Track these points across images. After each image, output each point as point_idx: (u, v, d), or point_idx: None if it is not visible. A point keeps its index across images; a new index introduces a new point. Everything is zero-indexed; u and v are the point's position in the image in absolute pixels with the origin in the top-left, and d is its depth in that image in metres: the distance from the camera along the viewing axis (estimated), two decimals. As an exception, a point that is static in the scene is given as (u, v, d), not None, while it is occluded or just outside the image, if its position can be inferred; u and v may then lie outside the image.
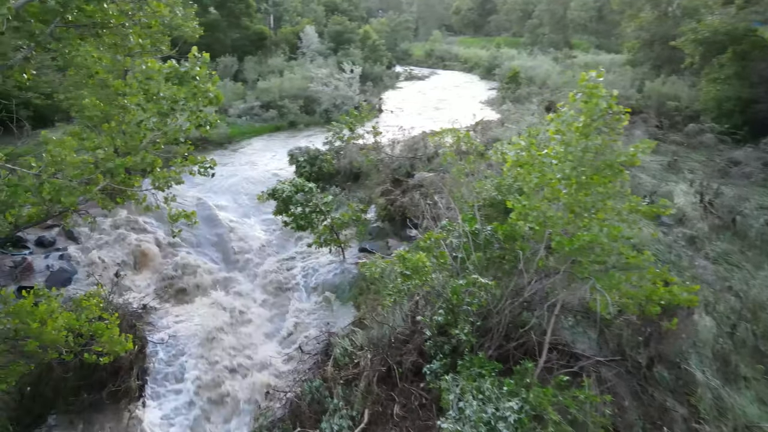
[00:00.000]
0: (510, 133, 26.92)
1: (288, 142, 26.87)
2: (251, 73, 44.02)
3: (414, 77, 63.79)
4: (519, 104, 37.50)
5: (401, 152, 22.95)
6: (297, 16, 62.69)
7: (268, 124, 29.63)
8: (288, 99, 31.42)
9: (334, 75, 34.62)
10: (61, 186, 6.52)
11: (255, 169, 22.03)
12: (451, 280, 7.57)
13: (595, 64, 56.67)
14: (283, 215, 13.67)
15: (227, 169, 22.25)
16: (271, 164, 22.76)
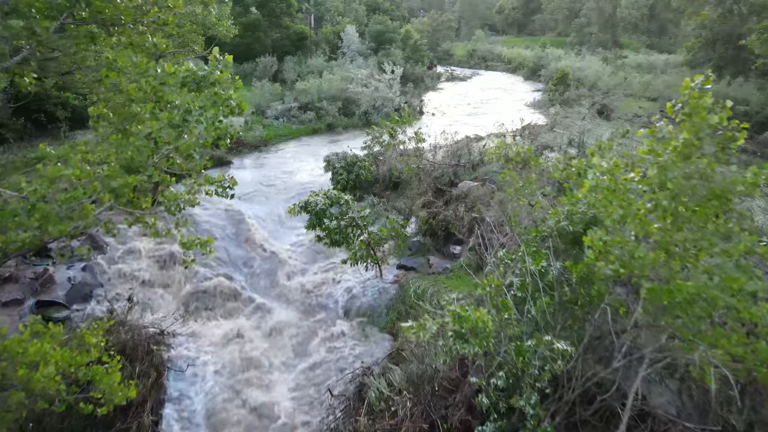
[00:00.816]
0: (560, 139, 25.21)
1: (325, 146, 25.88)
2: (290, 73, 43.46)
3: (456, 78, 62.18)
4: (568, 107, 35.51)
5: (443, 158, 21.60)
6: (338, 15, 61.99)
7: (306, 126, 28.74)
8: (326, 100, 30.48)
9: (374, 76, 33.51)
10: (48, 212, 5.50)
11: (289, 174, 21.07)
12: (511, 330, 6.20)
13: (649, 66, 53.83)
14: (316, 229, 12.56)
15: (261, 172, 21.38)
16: (305, 169, 21.76)
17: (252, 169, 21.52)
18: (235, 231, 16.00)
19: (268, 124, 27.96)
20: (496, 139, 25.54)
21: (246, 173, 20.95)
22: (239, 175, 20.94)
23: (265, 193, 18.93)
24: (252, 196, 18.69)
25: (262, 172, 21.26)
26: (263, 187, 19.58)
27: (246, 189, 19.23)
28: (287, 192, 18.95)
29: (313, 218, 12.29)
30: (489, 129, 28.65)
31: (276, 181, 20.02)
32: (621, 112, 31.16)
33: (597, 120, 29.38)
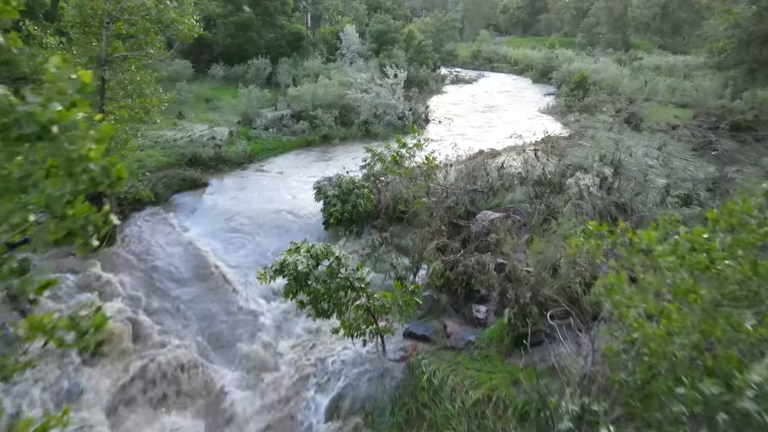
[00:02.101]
0: (591, 153, 21.96)
1: (317, 162, 22.60)
2: (285, 76, 40.30)
3: (461, 80, 58.85)
4: (588, 114, 32.24)
5: (456, 179, 18.40)
6: (337, 14, 58.78)
7: (298, 138, 25.46)
8: (321, 108, 27.21)
9: (375, 80, 30.26)
10: None
11: (273, 200, 17.74)
12: None
13: (669, 68, 50.48)
14: (298, 296, 9.31)
15: (240, 197, 18.10)
16: (293, 193, 18.45)
17: (229, 194, 18.19)
18: (194, 278, 12.75)
19: (255, 136, 24.69)
20: (516, 156, 22.33)
21: (221, 199, 17.67)
22: (212, 201, 17.71)
23: (240, 227, 15.62)
24: (223, 231, 15.39)
25: (241, 198, 17.90)
26: (239, 219, 16.27)
27: (217, 222, 15.96)
28: (268, 226, 15.66)
29: (292, 284, 9.05)
30: (504, 141, 25.41)
31: (255, 211, 16.69)
32: (651, 120, 27.86)
33: (626, 131, 26.11)
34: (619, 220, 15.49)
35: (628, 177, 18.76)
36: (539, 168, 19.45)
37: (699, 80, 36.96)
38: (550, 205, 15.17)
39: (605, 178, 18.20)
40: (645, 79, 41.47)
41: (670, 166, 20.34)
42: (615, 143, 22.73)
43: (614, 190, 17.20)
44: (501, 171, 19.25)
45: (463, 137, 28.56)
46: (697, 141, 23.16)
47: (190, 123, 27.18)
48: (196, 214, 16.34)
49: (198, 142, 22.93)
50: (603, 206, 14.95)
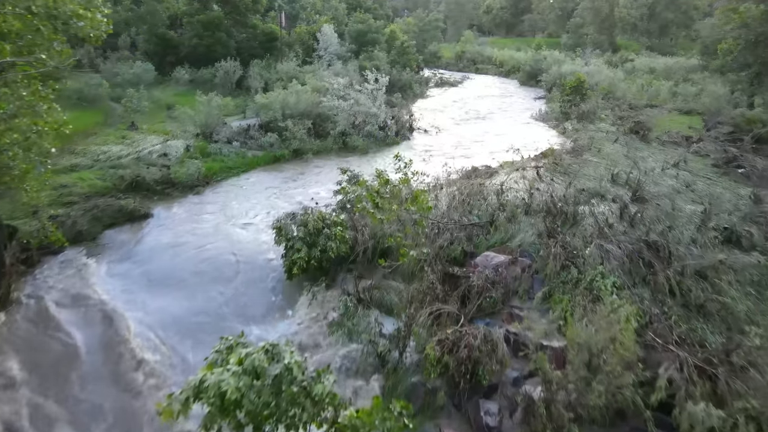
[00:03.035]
0: (601, 171, 19.11)
1: (286, 185, 19.33)
2: (256, 80, 36.95)
3: (445, 83, 56.03)
4: (587, 122, 29.53)
5: (449, 207, 15.41)
6: (315, 14, 55.54)
7: (265, 153, 22.15)
8: (293, 118, 23.97)
9: (354, 85, 27.16)
10: None
11: (226, 238, 14.41)
12: None
13: (666, 70, 48.11)
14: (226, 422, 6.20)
15: (185, 233, 14.76)
16: (250, 228, 15.16)
17: (174, 229, 14.70)
18: (103, 368, 9.44)
19: (215, 152, 21.35)
20: (514, 172, 19.42)
21: (164, 236, 14.18)
22: (152, 241, 14.41)
23: (183, 280, 12.28)
24: (159, 287, 11.96)
25: (187, 234, 14.42)
26: (182, 267, 12.93)
27: (153, 272, 12.57)
28: (218, 278, 12.38)
29: (214, 414, 5.92)
30: (500, 154, 22.48)
31: (203, 254, 13.35)
32: (659, 130, 25.17)
33: (634, 142, 23.36)
34: (655, 267, 12.67)
35: (651, 202, 15.97)
36: (545, 191, 16.55)
37: (704, 84, 34.47)
38: (567, 246, 12.21)
39: (625, 206, 15.37)
40: (642, 83, 38.98)
41: (693, 187, 17.58)
42: (631, 160, 19.95)
43: (638, 221, 14.38)
44: (501, 196, 16.28)
45: (453, 150, 25.62)
46: (718, 156, 20.45)
47: (143, 135, 23.78)
48: (128, 258, 12.99)
49: (146, 160, 19.59)
50: (632, 247, 12.07)
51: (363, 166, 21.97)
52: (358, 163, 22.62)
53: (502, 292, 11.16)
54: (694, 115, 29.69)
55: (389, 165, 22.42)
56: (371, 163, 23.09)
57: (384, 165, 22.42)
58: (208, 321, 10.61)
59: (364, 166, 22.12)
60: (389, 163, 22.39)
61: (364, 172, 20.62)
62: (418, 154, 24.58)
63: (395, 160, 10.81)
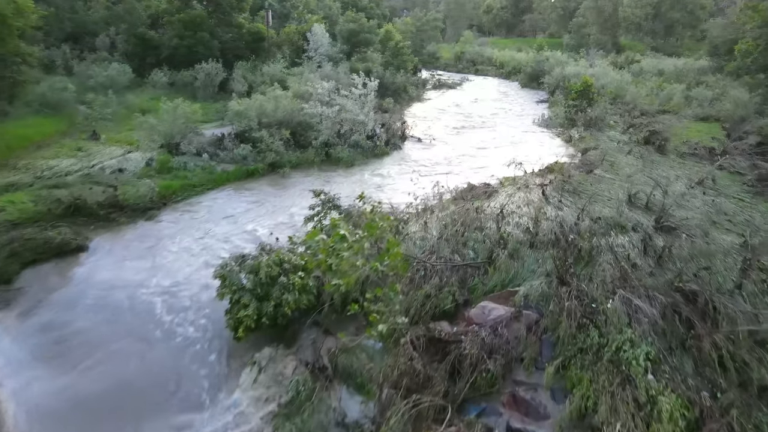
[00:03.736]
0: (614, 190, 16.68)
1: (254, 209, 16.78)
2: (240, 83, 34.57)
3: (443, 85, 53.65)
4: (595, 130, 27.11)
5: (440, 237, 13.01)
6: (307, 13, 53.10)
7: (236, 168, 19.67)
8: (270, 127, 21.51)
9: (340, 90, 24.72)
10: None
11: (176, 283, 11.93)
12: None
13: (675, 72, 45.67)
14: None
15: (129, 271, 12.29)
16: (200, 268, 12.67)
17: (106, 269, 12.02)
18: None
19: (179, 166, 18.87)
20: (517, 191, 17.01)
21: (91, 278, 11.65)
22: (80, 285, 11.93)
23: (94, 342, 9.64)
24: (62, 351, 9.28)
25: (120, 276, 11.98)
26: (102, 321, 10.40)
27: (64, 328, 9.97)
28: (144, 339, 9.89)
29: None
30: (501, 167, 20.07)
31: (137, 304, 10.89)
32: (677, 140, 22.72)
33: (650, 154, 20.91)
34: (696, 327, 10.19)
35: (679, 232, 13.57)
36: (553, 218, 14.13)
37: (720, 88, 32.01)
38: (584, 297, 9.78)
39: (649, 237, 12.97)
40: (652, 86, 36.52)
41: (725, 210, 15.17)
42: (649, 177, 17.49)
43: (667, 258, 12.00)
44: (501, 223, 13.85)
45: (448, 162, 23.18)
46: (749, 172, 18.01)
47: (103, 146, 21.35)
48: (36, 310, 10.47)
49: (98, 177, 17.16)
50: (665, 299, 9.67)
51: (345, 184, 19.59)
52: (340, 179, 20.21)
53: (502, 363, 8.72)
54: (712, 122, 27.23)
55: (373, 182, 20.17)
56: (356, 177, 20.66)
57: (368, 181, 20.20)
58: (110, 411, 8.12)
59: (347, 183, 19.72)
60: (371, 179, 20.12)
61: (345, 192, 18.21)
62: (410, 167, 22.17)
63: (359, 201, 8.34)
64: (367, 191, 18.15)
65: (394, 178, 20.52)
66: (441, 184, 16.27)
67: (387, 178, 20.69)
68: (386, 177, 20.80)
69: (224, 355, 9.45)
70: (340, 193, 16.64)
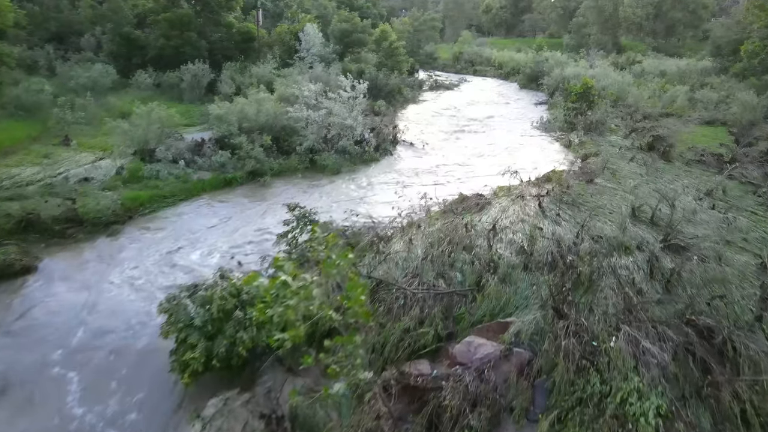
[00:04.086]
0: (616, 201, 15.48)
1: (219, 225, 15.39)
2: (228, 85, 33.35)
3: (440, 86, 52.40)
4: (596, 134, 25.88)
5: (424, 257, 11.79)
6: (301, 12, 51.86)
7: (213, 176, 18.46)
8: (252, 132, 20.28)
9: (328, 93, 23.49)
10: None
11: (126, 319, 10.68)
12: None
13: (678, 73, 44.40)
14: None
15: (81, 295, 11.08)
16: (144, 302, 11.33)
17: (54, 296, 10.81)
18: None
19: (152, 175, 17.62)
20: (511, 204, 15.77)
21: (35, 306, 10.33)
22: (11, 316, 10.64)
23: (28, 387, 8.49)
24: None
25: (70, 301, 10.76)
26: (37, 359, 9.08)
27: None
28: (81, 385, 8.62)
29: None
30: (495, 174, 18.88)
31: (72, 342, 9.63)
32: (683, 146, 21.47)
33: (654, 161, 19.66)
34: (713, 371, 8.93)
35: (689, 252, 12.34)
36: (549, 234, 12.92)
37: (725, 90, 30.75)
38: (583, 335, 8.56)
39: (656, 258, 11.77)
40: (655, 87, 35.26)
41: (737, 225, 13.94)
42: (654, 186, 16.27)
43: (675, 282, 10.79)
44: (493, 240, 12.62)
45: (440, 168, 21.93)
46: (761, 182, 16.76)
47: (74, 153, 20.13)
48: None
49: (61, 188, 15.93)
50: (676, 337, 8.45)
51: (329, 194, 18.35)
52: (324, 188, 18.95)
53: (488, 416, 7.49)
54: (718, 126, 26.00)
55: (358, 192, 18.89)
56: (342, 186, 19.41)
57: (353, 191, 18.91)
58: None
59: (331, 193, 18.48)
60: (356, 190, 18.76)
61: (326, 203, 16.95)
62: (399, 175, 20.95)
63: (312, 236, 7.03)
64: (350, 203, 17.04)
65: (381, 188, 19.29)
66: (429, 196, 15.01)
67: (374, 187, 19.45)
68: (374, 186, 19.56)
69: (175, 402, 8.21)
70: (321, 205, 15.46)
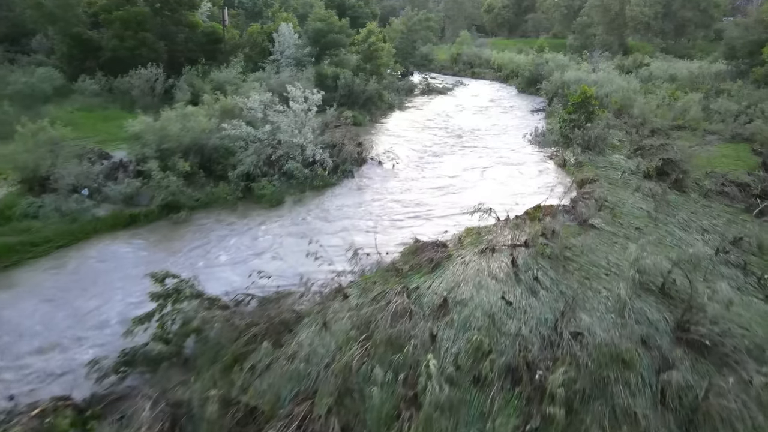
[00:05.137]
0: (614, 253, 11.75)
1: (72, 302, 11.77)
2: (183, 92, 29.80)
3: (433, 90, 48.72)
4: (595, 153, 22.12)
5: (326, 366, 8.18)
6: (283, 11, 48.18)
7: (112, 213, 14.79)
8: (174, 155, 16.71)
9: (276, 104, 19.87)
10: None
11: None
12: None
13: (691, 78, 40.36)
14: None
15: None
16: None
17: None
18: None
19: (30, 212, 13.99)
20: (476, 257, 12.05)
21: None
22: None
23: None
24: None
25: None
26: None
27: None
28: None
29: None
30: (466, 211, 15.11)
31: None
32: (699, 170, 17.70)
33: (665, 192, 15.87)
34: None
35: (714, 352, 8.60)
36: (520, 309, 9.25)
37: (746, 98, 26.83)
38: None
39: (669, 364, 8.04)
40: (664, 94, 31.35)
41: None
42: (669, 237, 12.47)
43: (703, 418, 7.09)
44: (440, 323, 8.94)
45: (403, 199, 18.16)
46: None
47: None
48: None
49: None
50: None
51: (255, 237, 14.63)
52: (250, 231, 15.19)
53: None
54: (739, 143, 22.19)
55: (298, 229, 15.16)
56: (274, 225, 15.67)
57: (289, 231, 14.18)
58: None
59: (258, 236, 14.75)
60: (294, 227, 14.90)
61: (237, 257, 13.12)
62: (356, 205, 17.26)
63: None
64: (269, 254, 13.35)
65: (318, 227, 15.53)
66: (360, 252, 11.31)
67: (310, 224, 15.75)
68: (309, 223, 15.85)
69: None
70: (232, 257, 11.82)
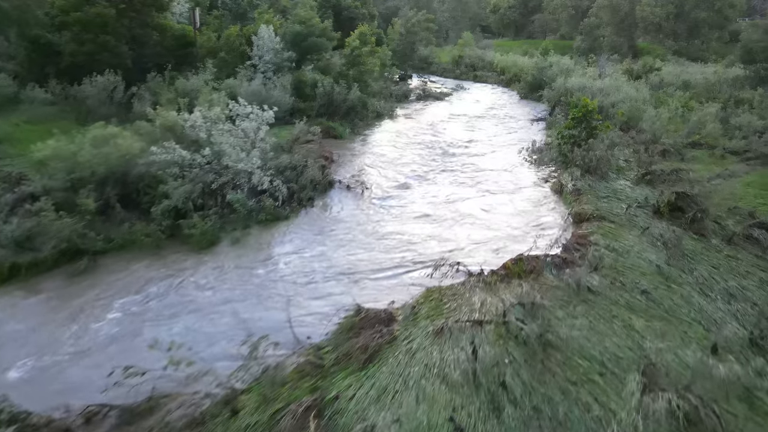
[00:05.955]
0: (614, 338, 8.76)
1: None
2: (142, 102, 27.07)
3: (430, 96, 45.78)
4: (597, 178, 19.07)
5: None
6: (269, 11, 45.39)
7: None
8: (85, 186, 13.93)
9: (222, 122, 17.01)
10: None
11: None
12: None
13: (706, 85, 37.03)
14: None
15: None
16: None
17: None
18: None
19: None
20: (433, 339, 9.06)
21: None
22: None
23: None
24: None
25: None
26: None
27: None
28: None
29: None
30: (436, 255, 12.15)
31: None
32: (722, 206, 14.62)
33: (680, 237, 12.82)
34: None
35: None
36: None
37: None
38: None
39: None
40: (677, 104, 28.13)
41: None
42: (681, 301, 9.46)
43: None
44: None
45: (367, 238, 15.17)
46: None
47: None
48: None
49: None
50: None
51: (161, 297, 11.68)
52: (162, 285, 12.26)
53: None
54: (766, 167, 19.03)
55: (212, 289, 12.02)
56: (194, 277, 12.72)
57: (209, 286, 10.73)
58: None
59: (167, 295, 11.80)
60: (219, 283, 11.83)
61: (129, 331, 10.08)
62: (302, 247, 14.33)
63: None
64: (174, 323, 10.43)
65: (251, 288, 12.52)
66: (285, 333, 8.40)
67: (246, 277, 12.82)
68: (248, 275, 12.93)
69: None
70: (123, 332, 9.03)
